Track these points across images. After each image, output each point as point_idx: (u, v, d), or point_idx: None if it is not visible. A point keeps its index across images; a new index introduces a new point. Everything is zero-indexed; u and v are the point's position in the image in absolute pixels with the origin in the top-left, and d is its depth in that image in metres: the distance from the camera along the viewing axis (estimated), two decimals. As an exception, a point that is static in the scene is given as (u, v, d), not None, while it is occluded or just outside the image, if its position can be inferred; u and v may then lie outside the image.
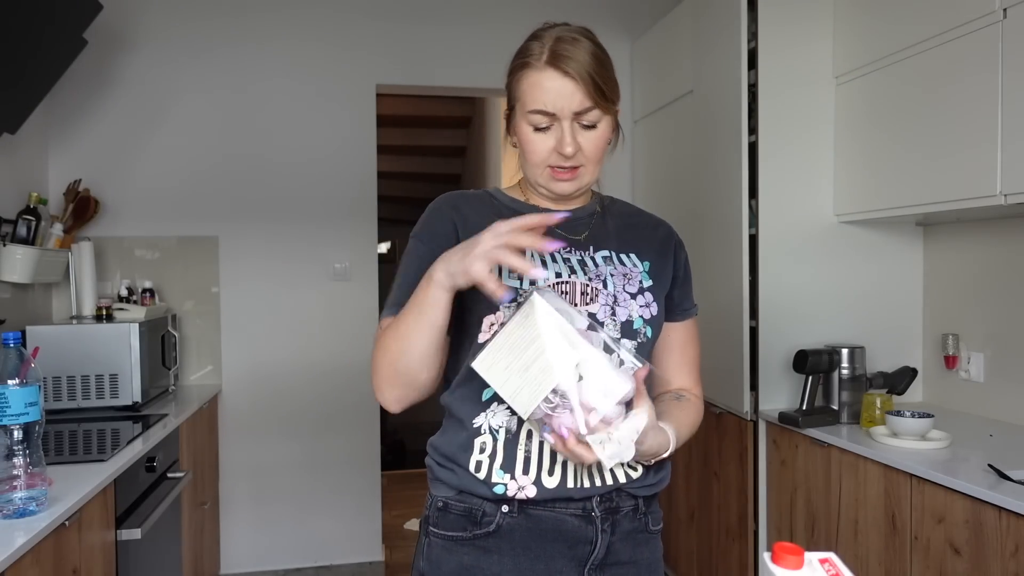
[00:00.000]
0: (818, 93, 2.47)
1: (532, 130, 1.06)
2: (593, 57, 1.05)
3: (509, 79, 1.10)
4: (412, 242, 1.13)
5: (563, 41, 1.04)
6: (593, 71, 1.03)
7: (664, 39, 3.15)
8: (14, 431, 1.46)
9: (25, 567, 1.39)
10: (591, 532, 1.05)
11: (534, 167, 1.09)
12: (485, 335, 1.04)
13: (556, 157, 1.06)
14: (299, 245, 3.33)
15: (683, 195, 2.92)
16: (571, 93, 1.03)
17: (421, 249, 1.10)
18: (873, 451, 1.96)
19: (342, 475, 3.39)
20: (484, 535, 1.05)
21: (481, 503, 1.05)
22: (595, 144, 1.07)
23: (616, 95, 1.09)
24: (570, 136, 1.04)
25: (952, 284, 2.46)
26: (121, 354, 2.58)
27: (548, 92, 1.03)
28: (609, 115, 1.08)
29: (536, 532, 1.05)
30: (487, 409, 1.05)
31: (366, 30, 3.36)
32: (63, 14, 2.53)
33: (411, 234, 1.14)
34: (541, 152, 1.07)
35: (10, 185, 2.75)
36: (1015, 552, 1.55)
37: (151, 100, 3.20)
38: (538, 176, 1.10)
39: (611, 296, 1.07)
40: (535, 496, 1.03)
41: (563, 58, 1.03)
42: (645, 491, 1.10)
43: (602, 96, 1.05)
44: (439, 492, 1.10)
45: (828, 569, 0.68)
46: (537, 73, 1.04)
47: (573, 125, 1.05)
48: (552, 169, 1.08)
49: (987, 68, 1.88)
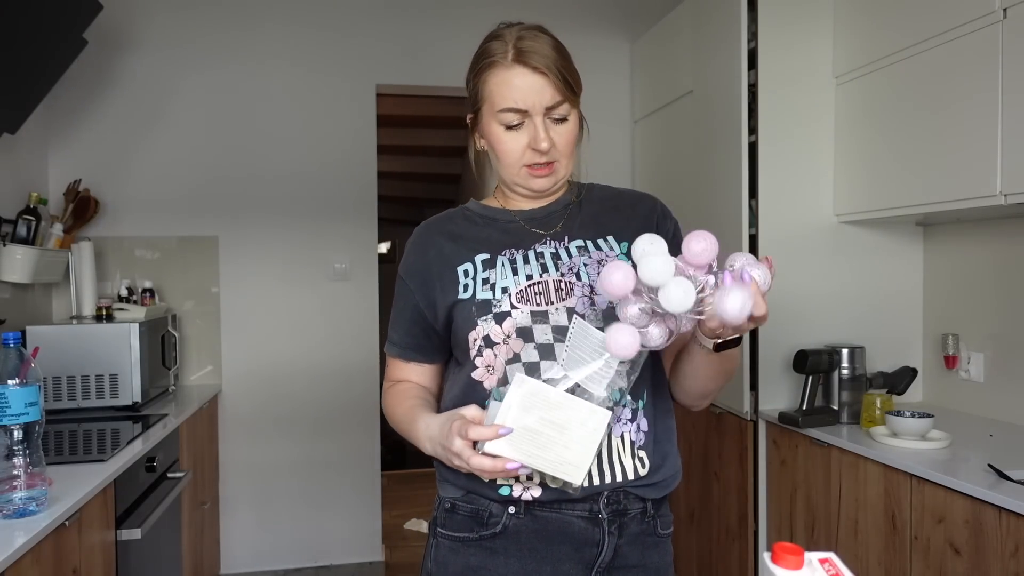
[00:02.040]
0: (818, 93, 2.47)
1: (503, 129, 1.07)
2: (557, 51, 1.06)
3: (473, 82, 1.10)
4: (398, 281, 1.17)
5: (525, 38, 1.05)
6: (559, 65, 1.04)
7: (664, 39, 3.15)
8: (14, 431, 1.46)
9: (25, 567, 1.39)
10: (598, 534, 1.05)
11: (509, 167, 1.09)
12: (471, 350, 1.06)
13: (531, 154, 1.07)
14: (299, 245, 3.33)
15: (683, 195, 2.92)
16: (541, 88, 1.03)
17: (404, 288, 1.15)
18: (873, 451, 1.96)
19: (342, 475, 3.39)
20: (491, 536, 1.05)
21: (488, 504, 1.05)
22: (566, 138, 1.08)
23: (579, 87, 1.09)
24: (543, 131, 1.05)
25: (952, 284, 2.46)
26: (121, 354, 2.58)
27: (518, 89, 1.04)
28: (575, 108, 1.09)
29: (543, 534, 1.04)
30: None
31: (366, 30, 3.36)
32: (63, 14, 2.53)
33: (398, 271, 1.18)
34: (515, 151, 1.07)
35: (10, 185, 2.75)
36: (1015, 552, 1.55)
37: (151, 100, 3.20)
38: (514, 176, 1.10)
39: (587, 287, 1.07)
40: (540, 496, 1.03)
41: (529, 54, 1.03)
42: (653, 493, 1.09)
43: (570, 89, 1.06)
44: (447, 493, 1.10)
45: (828, 569, 0.68)
46: (505, 71, 1.04)
47: (545, 120, 1.05)
48: (528, 167, 1.08)
49: (987, 68, 1.88)
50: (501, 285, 1.06)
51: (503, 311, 1.04)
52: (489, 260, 1.10)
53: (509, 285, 1.06)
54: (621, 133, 3.49)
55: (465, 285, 1.08)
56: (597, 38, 3.48)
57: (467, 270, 1.09)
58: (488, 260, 1.10)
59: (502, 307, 1.05)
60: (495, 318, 1.04)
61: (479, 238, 1.13)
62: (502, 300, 1.05)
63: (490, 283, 1.07)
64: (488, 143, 1.11)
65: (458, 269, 1.10)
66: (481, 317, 1.05)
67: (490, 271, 1.08)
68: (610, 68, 3.44)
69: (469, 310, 1.06)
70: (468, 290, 1.08)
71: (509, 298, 1.05)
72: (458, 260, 1.11)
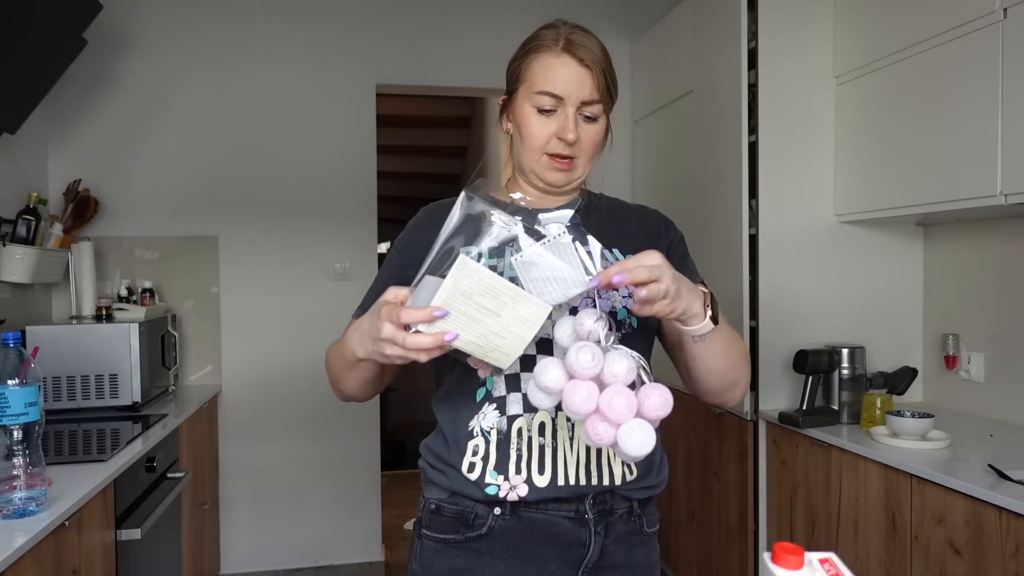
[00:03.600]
0: (818, 93, 2.47)
1: (535, 112, 1.06)
2: (605, 53, 1.08)
3: (517, 61, 1.10)
4: (391, 250, 1.16)
5: (578, 32, 1.08)
6: (604, 66, 1.07)
7: (664, 39, 3.15)
8: (14, 431, 1.46)
9: (25, 567, 1.39)
10: (584, 534, 1.05)
11: (531, 152, 1.08)
12: None
13: (556, 143, 1.06)
14: (299, 245, 3.33)
15: (683, 195, 2.92)
16: (583, 81, 1.05)
17: (396, 259, 1.14)
18: (873, 451, 1.96)
19: (342, 475, 3.39)
20: (476, 538, 1.05)
21: (473, 505, 1.05)
22: (592, 138, 1.08)
23: (616, 95, 1.10)
24: (573, 123, 1.05)
25: (952, 284, 2.46)
26: (121, 354, 2.58)
27: (560, 76, 1.05)
28: (606, 115, 1.09)
29: (528, 534, 1.04)
30: (479, 411, 1.04)
31: (366, 30, 3.36)
32: (63, 14, 2.53)
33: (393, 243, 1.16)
34: (541, 136, 1.07)
35: (10, 185, 2.75)
36: (1015, 552, 1.55)
37: (151, 100, 3.20)
38: (534, 163, 1.09)
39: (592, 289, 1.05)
40: (527, 496, 1.02)
41: (579, 47, 1.05)
42: (640, 493, 1.09)
43: (607, 93, 1.07)
44: (432, 494, 1.09)
45: (828, 569, 0.68)
46: (552, 56, 1.06)
47: (577, 115, 1.06)
48: (550, 157, 1.07)
49: (987, 68, 1.88)
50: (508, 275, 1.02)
51: None
52: (496, 248, 1.02)
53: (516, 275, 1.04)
54: (621, 133, 3.49)
55: None
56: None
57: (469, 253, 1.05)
58: (496, 248, 1.02)
59: None
60: None
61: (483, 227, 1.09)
62: None
63: (497, 271, 1.02)
64: (516, 124, 1.10)
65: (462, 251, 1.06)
66: None
67: (497, 259, 1.04)
68: (610, 68, 3.46)
69: None
70: None
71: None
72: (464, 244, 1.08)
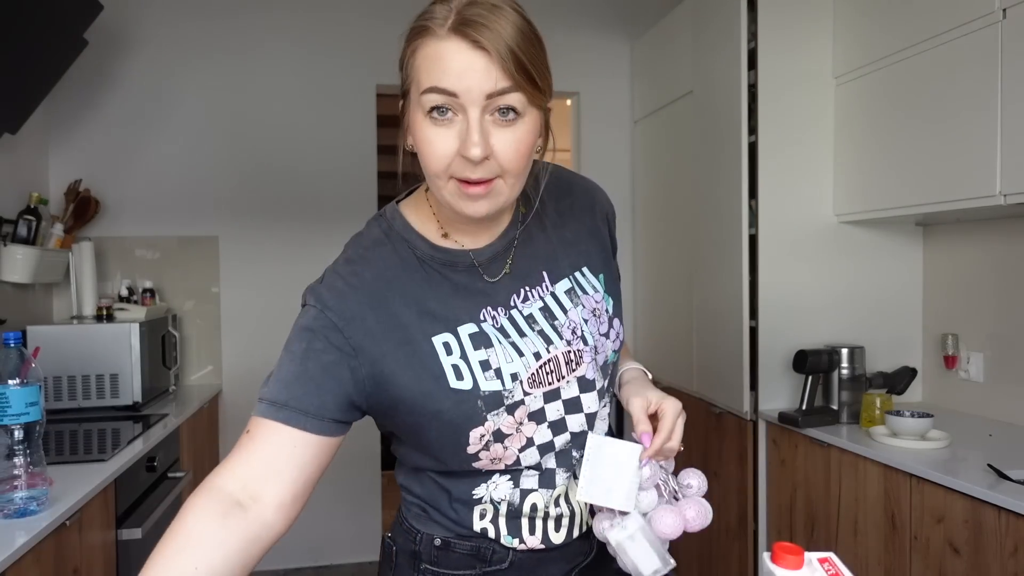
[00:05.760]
0: (818, 93, 2.47)
1: (429, 122, 0.78)
2: (517, 30, 0.76)
3: (403, 53, 0.82)
4: (313, 321, 0.92)
5: (477, 5, 0.76)
6: (515, 44, 0.75)
7: (664, 39, 3.15)
8: (15, 431, 1.46)
9: (26, 567, 1.40)
10: (586, 546, 1.02)
11: (433, 177, 0.80)
12: (474, 446, 0.86)
13: (459, 164, 0.77)
14: (299, 245, 3.33)
15: (683, 195, 2.92)
16: (483, 69, 0.75)
17: (336, 336, 0.89)
18: (873, 451, 1.96)
19: (342, 475, 3.39)
20: (495, 571, 0.94)
21: (490, 543, 0.94)
22: (515, 146, 0.78)
23: (548, 85, 0.81)
24: (478, 131, 0.76)
25: (952, 284, 2.46)
26: (121, 354, 2.58)
27: (452, 65, 0.75)
28: (536, 107, 0.80)
29: (547, 559, 0.99)
30: (487, 480, 0.91)
31: (366, 30, 3.36)
32: (63, 14, 2.54)
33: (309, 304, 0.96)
34: (440, 154, 0.78)
35: (10, 185, 2.75)
36: (1014, 552, 1.55)
37: (151, 100, 3.20)
38: (441, 189, 0.81)
39: (592, 348, 0.92)
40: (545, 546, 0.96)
41: (474, 24, 0.75)
42: None
43: (526, 77, 0.76)
44: (435, 531, 0.94)
45: (828, 569, 0.69)
46: (437, 42, 0.76)
47: (484, 117, 0.76)
48: (458, 181, 0.79)
49: (987, 68, 1.88)
50: (509, 371, 0.86)
51: (516, 401, 0.86)
52: (479, 334, 0.87)
53: (519, 371, 0.86)
54: (621, 133, 3.49)
55: (455, 368, 0.85)
56: (597, 38, 3.48)
57: (448, 344, 0.85)
58: (478, 334, 0.87)
59: (515, 397, 0.86)
60: (507, 410, 0.86)
61: (446, 297, 0.88)
62: (514, 389, 0.86)
63: (493, 368, 0.85)
64: (413, 140, 0.82)
65: (433, 340, 0.85)
66: (492, 412, 0.85)
67: (485, 350, 0.86)
68: (610, 68, 3.44)
69: (474, 405, 0.84)
70: (464, 378, 0.84)
71: (521, 385, 0.86)
72: (429, 327, 0.86)
